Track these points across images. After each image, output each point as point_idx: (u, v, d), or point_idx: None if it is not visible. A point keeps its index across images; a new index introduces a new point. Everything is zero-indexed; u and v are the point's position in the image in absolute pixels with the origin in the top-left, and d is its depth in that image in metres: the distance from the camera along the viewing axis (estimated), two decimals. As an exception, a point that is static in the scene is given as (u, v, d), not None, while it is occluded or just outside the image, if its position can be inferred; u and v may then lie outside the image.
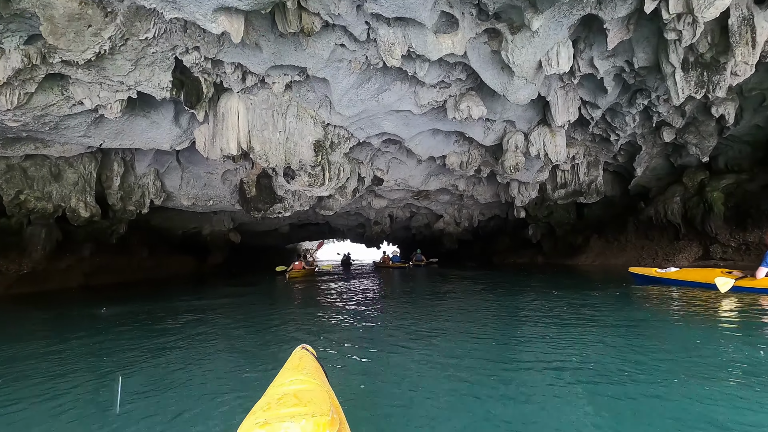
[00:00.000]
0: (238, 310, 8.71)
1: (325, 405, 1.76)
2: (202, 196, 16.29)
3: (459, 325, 6.46)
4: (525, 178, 16.45)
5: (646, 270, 10.58)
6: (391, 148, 14.88)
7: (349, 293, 11.65)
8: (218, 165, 14.96)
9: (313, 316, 7.88)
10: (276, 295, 11.86)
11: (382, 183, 16.62)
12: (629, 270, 10.89)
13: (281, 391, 1.96)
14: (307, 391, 1.94)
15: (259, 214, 15.68)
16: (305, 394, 1.89)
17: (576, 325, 5.81)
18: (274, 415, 1.62)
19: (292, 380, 2.09)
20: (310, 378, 2.15)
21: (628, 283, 10.26)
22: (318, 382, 2.12)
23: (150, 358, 4.94)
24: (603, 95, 10.45)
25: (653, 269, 10.40)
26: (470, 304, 8.79)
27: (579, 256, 18.12)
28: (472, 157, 14.79)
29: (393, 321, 6.96)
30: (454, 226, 29.77)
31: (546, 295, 9.20)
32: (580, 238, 18.79)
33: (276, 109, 9.52)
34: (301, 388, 1.98)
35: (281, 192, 15.23)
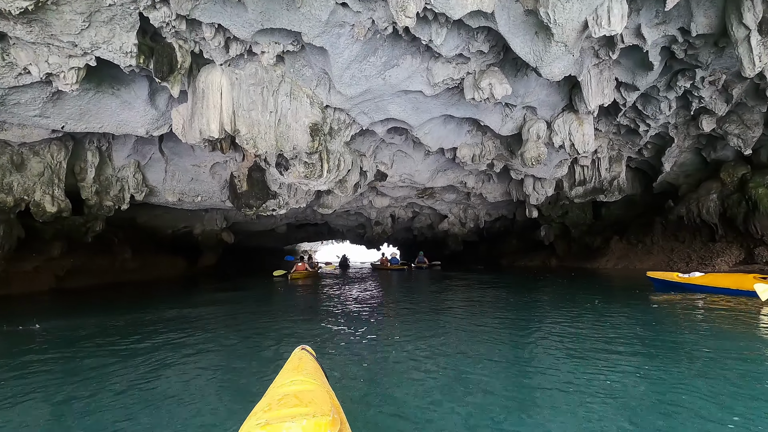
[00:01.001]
0: (226, 323, 7.30)
1: (326, 405, 1.77)
2: (189, 192, 14.89)
3: (468, 345, 5.33)
4: (542, 174, 15.08)
5: (667, 275, 9.57)
6: (396, 139, 13.50)
7: (350, 300, 10.28)
8: (206, 157, 13.58)
9: (311, 327, 6.53)
10: (272, 302, 10.46)
11: (385, 178, 15.24)
12: (648, 275, 9.91)
13: (282, 391, 1.97)
14: (308, 392, 1.95)
15: (251, 212, 14.28)
16: (306, 395, 1.90)
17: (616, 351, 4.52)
18: (275, 416, 1.62)
19: (293, 381, 2.10)
20: (310, 378, 2.15)
21: (647, 289, 9.40)
22: (318, 383, 2.13)
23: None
24: (644, 74, 9.08)
25: (674, 274, 9.40)
26: (482, 316, 7.41)
27: (598, 259, 16.73)
28: (486, 150, 13.41)
29: (396, 333, 6.35)
30: (459, 227, 28.38)
31: (571, 305, 7.89)
32: (599, 240, 17.40)
33: (266, 86, 8.14)
34: (302, 389, 1.99)
35: (275, 187, 13.84)
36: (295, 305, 9.73)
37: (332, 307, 9.25)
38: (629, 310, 7.18)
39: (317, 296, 11.75)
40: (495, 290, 11.75)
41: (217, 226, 22.85)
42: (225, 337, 5.99)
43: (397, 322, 7.23)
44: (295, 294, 12.63)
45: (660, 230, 14.74)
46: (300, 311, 8.82)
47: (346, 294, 11.76)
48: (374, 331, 6.26)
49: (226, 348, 5.35)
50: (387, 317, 7.67)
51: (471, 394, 3.45)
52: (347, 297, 11.00)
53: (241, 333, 6.23)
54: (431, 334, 5.81)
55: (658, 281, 9.57)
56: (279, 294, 12.18)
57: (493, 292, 11.39)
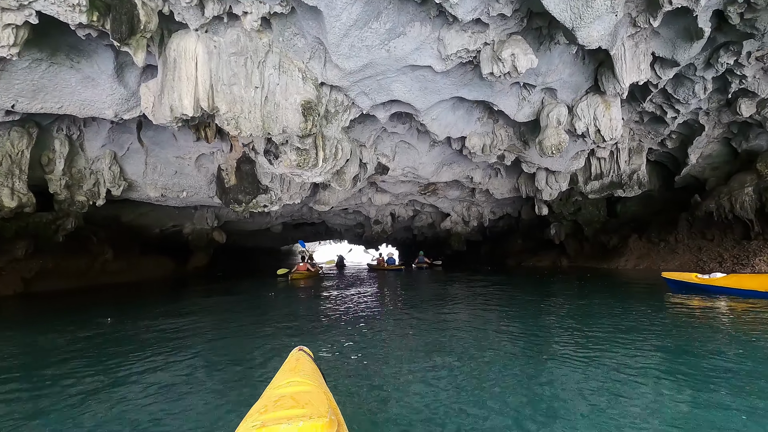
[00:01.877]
0: (209, 339, 6.07)
1: (323, 406, 1.74)
2: (172, 186, 13.66)
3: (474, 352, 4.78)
4: (556, 167, 13.90)
5: (684, 275, 8.90)
6: (399, 128, 12.30)
7: (350, 303, 9.08)
8: (190, 148, 12.36)
9: (310, 340, 5.30)
10: (265, 309, 9.23)
11: (387, 172, 14.04)
12: (663, 275, 9.27)
13: (278, 393, 1.93)
14: (305, 393, 1.92)
15: (241, 208, 13.05)
16: (303, 396, 1.87)
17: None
18: (272, 418, 1.60)
19: (290, 382, 2.07)
20: (307, 380, 2.12)
21: (661, 291, 8.85)
22: (315, 384, 2.10)
23: None
24: (687, 45, 7.89)
25: (693, 274, 8.74)
26: (494, 320, 6.22)
27: (616, 259, 15.55)
28: (498, 139, 12.22)
29: (397, 335, 6.09)
30: (462, 226, 27.22)
31: (589, 309, 6.75)
32: (615, 239, 16.23)
33: (250, 57, 6.92)
34: (299, 390, 1.95)
35: (266, 180, 12.62)
36: (289, 314, 8.52)
37: (331, 313, 8.04)
38: (646, 315, 6.44)
39: (314, 302, 10.55)
40: (506, 293, 10.56)
41: (207, 224, 21.63)
42: (204, 364, 4.75)
43: (398, 325, 6.84)
44: (291, 299, 11.41)
45: (685, 228, 13.58)
46: (296, 320, 7.60)
47: (346, 298, 10.56)
48: (374, 334, 6.07)
49: (202, 384, 4.12)
50: (389, 321, 6.98)
51: (474, 397, 3.34)
52: (347, 301, 9.81)
53: (225, 355, 5.00)
54: (435, 338, 5.58)
55: (674, 282, 8.89)
56: (272, 299, 10.96)
57: (505, 295, 10.20)
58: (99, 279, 15.50)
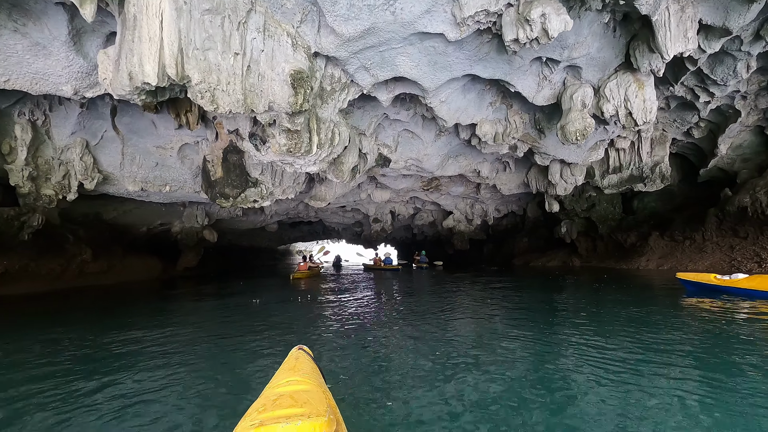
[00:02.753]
0: (187, 360, 4.88)
1: (322, 406, 1.72)
2: (154, 180, 12.45)
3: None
4: (573, 158, 12.76)
5: (703, 276, 8.44)
6: (402, 114, 11.14)
7: (349, 307, 7.93)
8: (171, 137, 11.18)
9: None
10: (256, 317, 8.06)
11: (388, 164, 12.88)
12: (677, 276, 8.84)
13: (277, 392, 1.91)
14: (304, 392, 1.89)
15: (228, 203, 11.86)
16: (302, 395, 1.84)
17: None
18: (270, 417, 1.58)
19: (289, 381, 2.04)
20: (306, 379, 2.09)
21: (676, 292, 8.36)
22: (315, 383, 2.07)
23: None
24: (743, 9, 6.77)
25: (712, 275, 8.27)
26: (506, 329, 5.08)
27: (635, 259, 14.42)
28: (511, 127, 11.07)
29: (397, 336, 5.92)
30: (465, 224, 26.12)
31: (616, 315, 5.67)
32: (633, 237, 15.10)
33: (228, 16, 5.75)
34: (298, 389, 1.93)
35: (256, 173, 11.45)
36: (283, 323, 7.36)
37: (323, 324, 6.88)
38: (680, 326, 5.54)
39: (305, 310, 9.39)
40: (518, 298, 9.43)
41: (197, 223, 20.41)
42: (178, 398, 3.57)
43: (399, 327, 6.53)
44: (280, 306, 10.24)
45: (714, 224, 12.46)
46: (291, 330, 6.44)
47: (341, 305, 9.41)
48: (375, 337, 5.85)
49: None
50: (390, 336, 6.06)
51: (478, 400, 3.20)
52: (342, 308, 8.66)
53: (205, 383, 3.84)
54: (438, 339, 5.42)
55: (691, 284, 8.45)
56: (256, 306, 9.78)
57: (516, 300, 9.07)
58: (76, 281, 14.30)
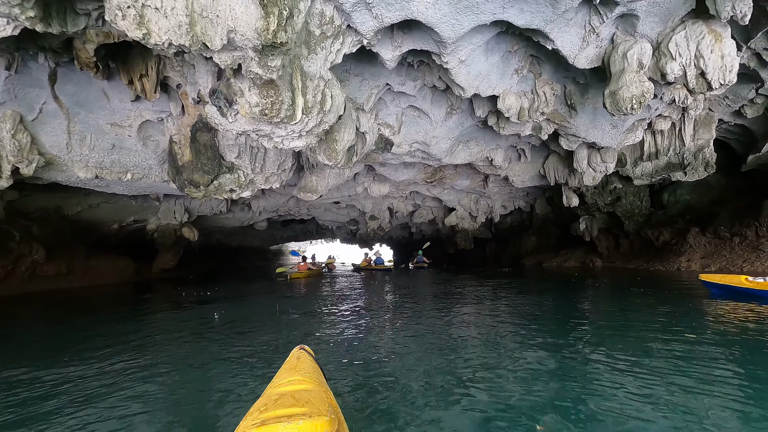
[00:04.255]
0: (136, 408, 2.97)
1: (323, 405, 1.72)
2: (111, 166, 10.44)
3: None
4: (607, 141, 10.91)
5: (732, 278, 7.66)
6: (408, 86, 9.25)
7: (333, 326, 6.05)
8: (127, 111, 9.19)
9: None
10: (242, 334, 6.14)
11: (391, 147, 10.97)
12: (701, 278, 8.10)
13: (279, 391, 1.90)
14: (305, 392, 1.89)
15: (200, 193, 9.90)
16: (303, 395, 1.83)
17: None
18: (271, 416, 1.57)
19: (290, 381, 2.04)
20: (308, 378, 2.09)
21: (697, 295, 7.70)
22: (316, 383, 2.07)
23: None
24: None
25: (742, 277, 7.47)
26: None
27: (672, 259, 12.63)
28: (540, 101, 9.20)
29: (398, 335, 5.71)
30: (469, 221, 24.28)
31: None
32: (666, 234, 13.32)
33: None
34: (299, 389, 1.92)
35: (232, 155, 9.51)
36: (269, 341, 5.46)
37: (328, 329, 4.99)
38: None
39: (291, 324, 7.48)
40: (540, 310, 7.58)
41: (175, 219, 18.39)
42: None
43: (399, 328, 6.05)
44: (256, 318, 8.31)
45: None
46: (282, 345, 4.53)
47: (334, 315, 7.50)
48: (375, 336, 5.41)
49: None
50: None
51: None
52: (335, 320, 6.76)
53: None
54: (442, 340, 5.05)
55: (716, 286, 7.77)
56: (225, 322, 7.83)
57: (540, 315, 7.23)
58: (27, 286, 12.26)
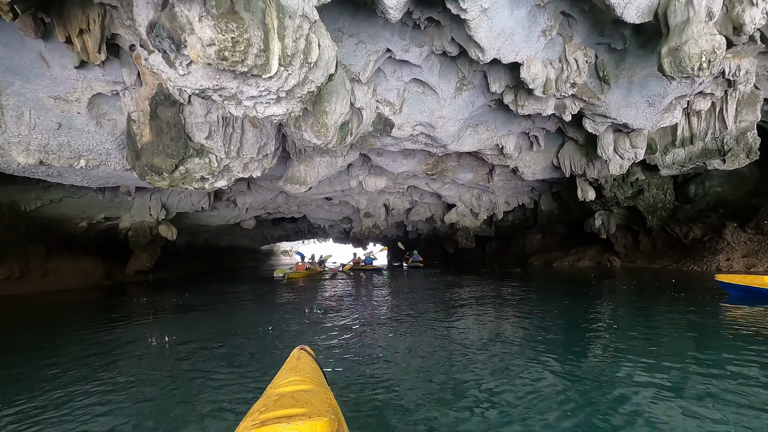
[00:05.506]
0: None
1: (323, 406, 1.71)
2: (60, 149, 8.76)
3: None
4: (641, 123, 9.44)
5: (751, 279, 7.08)
6: (413, 53, 7.73)
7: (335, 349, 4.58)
8: (72, 81, 7.52)
9: None
10: (203, 377, 4.58)
11: (391, 129, 9.42)
12: (717, 278, 7.49)
13: (278, 392, 1.90)
14: (305, 392, 1.89)
15: (164, 182, 8.27)
16: (303, 395, 1.83)
17: None
18: (271, 417, 1.57)
19: (290, 381, 2.04)
20: (308, 379, 2.09)
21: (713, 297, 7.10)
22: (316, 383, 2.07)
23: None
24: None
25: (765, 277, 6.91)
26: None
27: (707, 258, 11.22)
28: (570, 70, 7.71)
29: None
30: (470, 218, 22.82)
31: None
32: (698, 230, 11.92)
33: None
34: (299, 389, 1.93)
35: (201, 135, 7.91)
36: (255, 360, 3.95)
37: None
38: None
39: (296, 321, 5.96)
40: (571, 324, 6.09)
41: (151, 216, 16.69)
42: None
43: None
44: (260, 323, 6.75)
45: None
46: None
47: (323, 333, 5.96)
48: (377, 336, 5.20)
49: None
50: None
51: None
52: (345, 316, 5.25)
53: None
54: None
55: (735, 287, 7.23)
56: (173, 346, 6.22)
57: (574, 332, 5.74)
58: (-32, 292, 10.54)
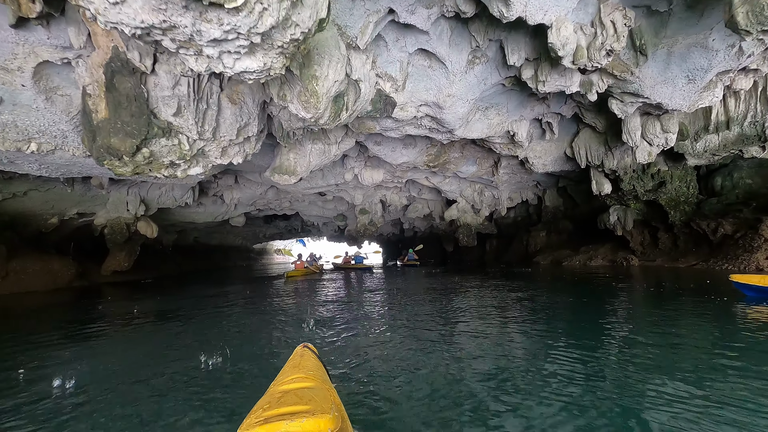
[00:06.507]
0: None
1: (327, 403, 1.71)
2: (3, 131, 7.47)
3: None
4: (677, 102, 8.28)
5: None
6: (420, 15, 6.53)
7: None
8: (13, 45, 6.25)
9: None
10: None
11: (392, 108, 8.19)
12: (731, 278, 6.87)
13: (282, 389, 1.90)
14: (308, 390, 1.88)
15: (126, 168, 7.00)
16: (306, 393, 1.82)
17: None
18: (274, 414, 1.57)
19: (293, 378, 2.04)
20: (311, 376, 2.10)
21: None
22: (319, 380, 2.06)
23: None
24: None
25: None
26: None
27: (744, 257, 10.11)
28: (607, 34, 6.53)
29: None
30: (471, 215, 21.69)
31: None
32: (728, 226, 10.82)
33: None
34: (302, 387, 1.92)
35: (168, 111, 6.66)
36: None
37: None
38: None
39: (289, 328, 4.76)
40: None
41: (128, 211, 15.38)
42: None
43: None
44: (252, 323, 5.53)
45: None
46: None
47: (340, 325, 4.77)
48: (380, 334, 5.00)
49: None
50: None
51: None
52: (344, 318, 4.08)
53: None
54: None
55: (751, 288, 6.70)
56: (189, 348, 5.00)
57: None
58: None
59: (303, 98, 5.37)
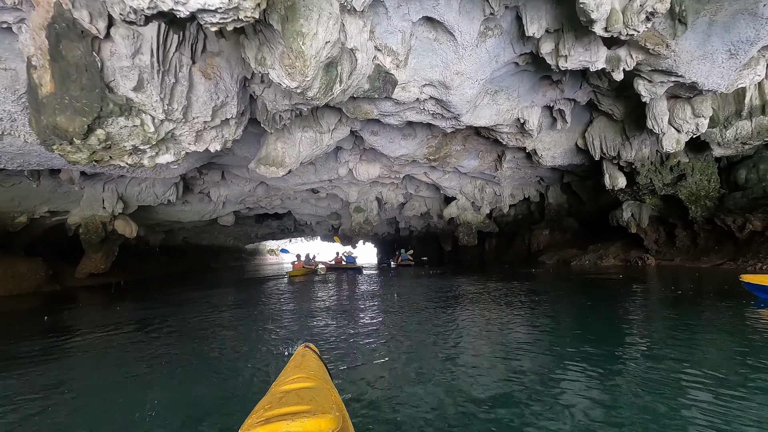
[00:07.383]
0: None
1: (328, 403, 1.69)
2: (-63, 111, 6.36)
3: None
4: (714, 82, 7.33)
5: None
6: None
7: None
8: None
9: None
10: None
11: (393, 88, 7.15)
12: (742, 279, 6.41)
13: (283, 389, 1.87)
14: (310, 390, 1.86)
15: (80, 154, 5.91)
16: (307, 393, 1.81)
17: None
18: (276, 414, 1.55)
19: (295, 378, 2.02)
20: (312, 376, 2.07)
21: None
22: (321, 381, 2.04)
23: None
24: None
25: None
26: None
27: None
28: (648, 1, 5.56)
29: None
30: (472, 213, 20.71)
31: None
32: (758, 222, 9.92)
33: None
34: (304, 387, 1.90)
35: (127, 84, 5.59)
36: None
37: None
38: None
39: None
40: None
41: (104, 209, 14.21)
42: None
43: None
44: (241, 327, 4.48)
45: None
46: None
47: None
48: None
49: None
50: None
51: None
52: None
53: None
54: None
55: (763, 289, 6.08)
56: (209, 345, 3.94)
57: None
58: None
59: (287, 61, 4.33)
